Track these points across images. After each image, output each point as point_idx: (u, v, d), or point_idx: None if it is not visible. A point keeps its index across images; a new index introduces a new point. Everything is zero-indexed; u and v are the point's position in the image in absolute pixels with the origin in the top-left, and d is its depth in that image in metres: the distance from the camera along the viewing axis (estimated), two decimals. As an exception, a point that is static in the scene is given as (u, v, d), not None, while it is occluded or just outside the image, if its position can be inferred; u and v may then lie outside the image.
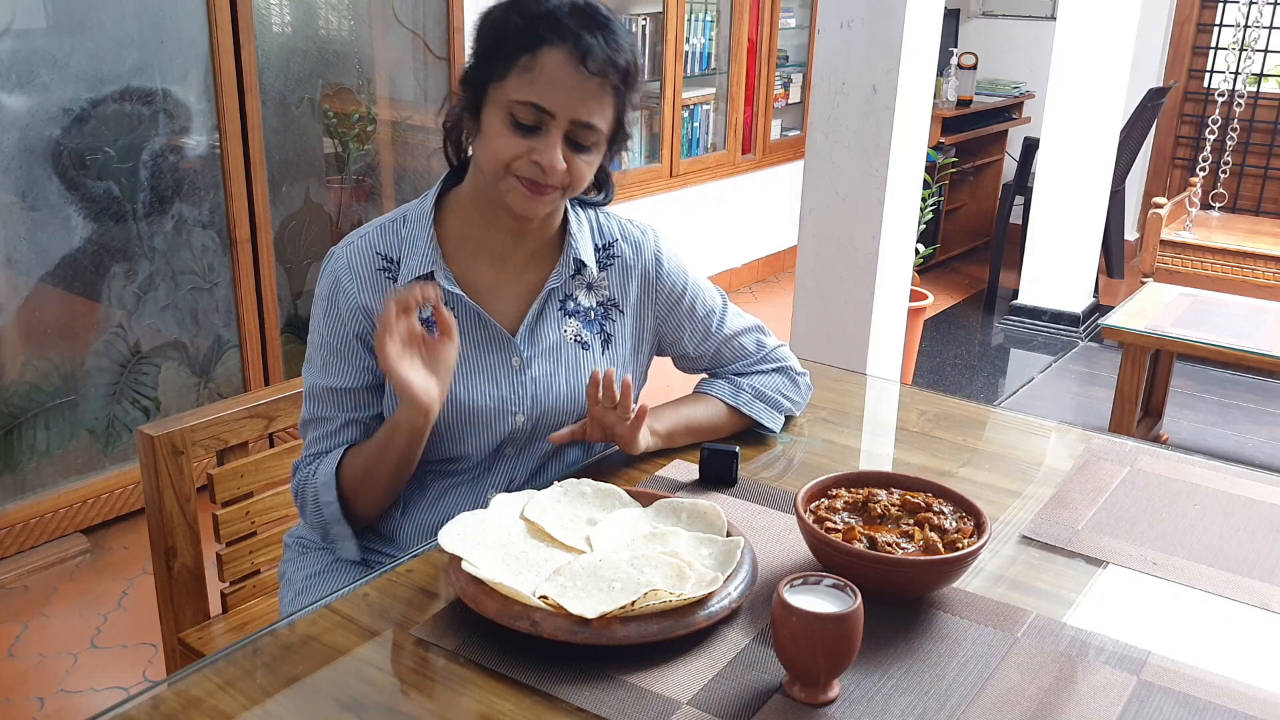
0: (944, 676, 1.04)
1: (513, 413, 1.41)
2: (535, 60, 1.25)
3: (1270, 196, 5.67)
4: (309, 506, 1.40)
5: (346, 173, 3.34)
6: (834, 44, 2.83)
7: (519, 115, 1.27)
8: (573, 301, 1.45)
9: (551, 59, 1.25)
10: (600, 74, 1.27)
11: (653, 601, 1.05)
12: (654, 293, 1.50)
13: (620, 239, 1.48)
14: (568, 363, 1.43)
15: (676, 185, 4.72)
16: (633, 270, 1.48)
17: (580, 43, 1.25)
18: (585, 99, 1.27)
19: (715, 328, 1.55)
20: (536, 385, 1.41)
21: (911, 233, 3.05)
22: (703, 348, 1.55)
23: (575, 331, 1.45)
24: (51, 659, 2.39)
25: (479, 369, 1.39)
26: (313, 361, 1.41)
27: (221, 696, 1.01)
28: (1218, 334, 3.01)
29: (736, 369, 1.58)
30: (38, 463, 2.74)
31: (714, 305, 1.55)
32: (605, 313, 1.47)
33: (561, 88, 1.26)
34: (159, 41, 2.76)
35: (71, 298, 2.74)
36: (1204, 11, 5.65)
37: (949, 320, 4.96)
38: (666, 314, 1.52)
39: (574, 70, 1.26)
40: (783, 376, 1.59)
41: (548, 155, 1.27)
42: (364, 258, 1.38)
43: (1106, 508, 1.40)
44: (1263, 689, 1.05)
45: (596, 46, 1.26)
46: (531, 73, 1.26)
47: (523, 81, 1.26)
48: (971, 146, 5.51)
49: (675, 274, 1.51)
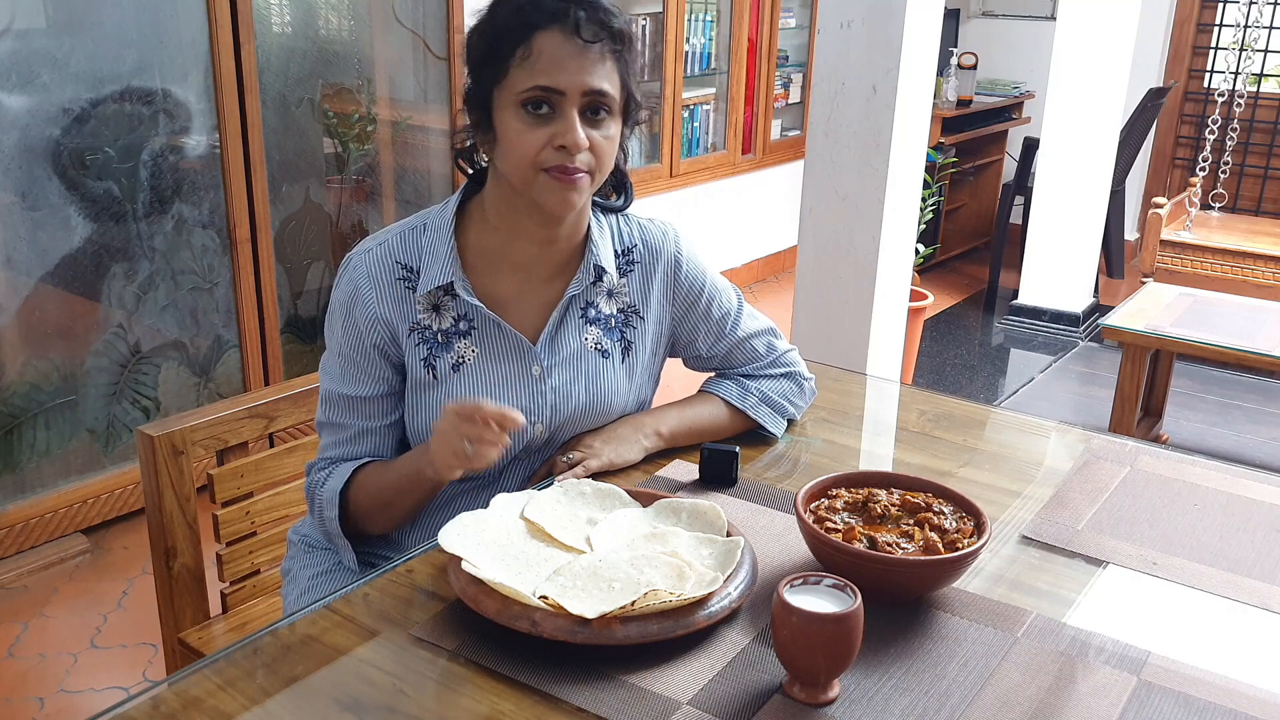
0: (944, 676, 1.04)
1: (532, 422, 1.40)
2: (531, 48, 1.26)
3: (1270, 196, 5.67)
4: (315, 512, 1.41)
5: (346, 173, 3.34)
6: (834, 44, 2.83)
7: (531, 105, 1.27)
8: (594, 309, 1.44)
9: (546, 41, 1.26)
10: (596, 39, 1.27)
11: (653, 601, 1.05)
12: (672, 294, 1.50)
13: (640, 243, 1.47)
14: (588, 372, 1.43)
15: (676, 185, 4.72)
16: (653, 274, 1.48)
17: (569, 17, 1.26)
18: (589, 67, 1.27)
19: (729, 329, 1.54)
20: (556, 395, 1.41)
21: (911, 233, 3.05)
22: (716, 349, 1.55)
23: (596, 340, 1.44)
24: (51, 659, 2.39)
25: (499, 380, 1.38)
26: (329, 368, 1.40)
27: (221, 696, 1.01)
28: (1218, 334, 3.01)
29: (746, 371, 1.58)
30: (38, 463, 2.74)
31: (730, 307, 1.55)
32: (626, 320, 1.46)
33: (563, 64, 1.26)
34: (159, 41, 2.76)
35: (71, 298, 2.74)
36: (1204, 11, 5.65)
37: (949, 320, 4.96)
38: (683, 315, 1.51)
39: (570, 44, 1.26)
40: (790, 382, 1.59)
41: (570, 134, 1.27)
42: (384, 267, 1.36)
43: (1106, 508, 1.39)
44: (1263, 689, 1.05)
45: (585, 16, 1.27)
46: (531, 60, 1.26)
47: (525, 71, 1.26)
48: (971, 146, 5.51)
49: (695, 275, 1.51)
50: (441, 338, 1.37)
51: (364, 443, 1.40)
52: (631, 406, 1.50)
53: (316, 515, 1.40)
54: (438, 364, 1.37)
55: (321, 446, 1.42)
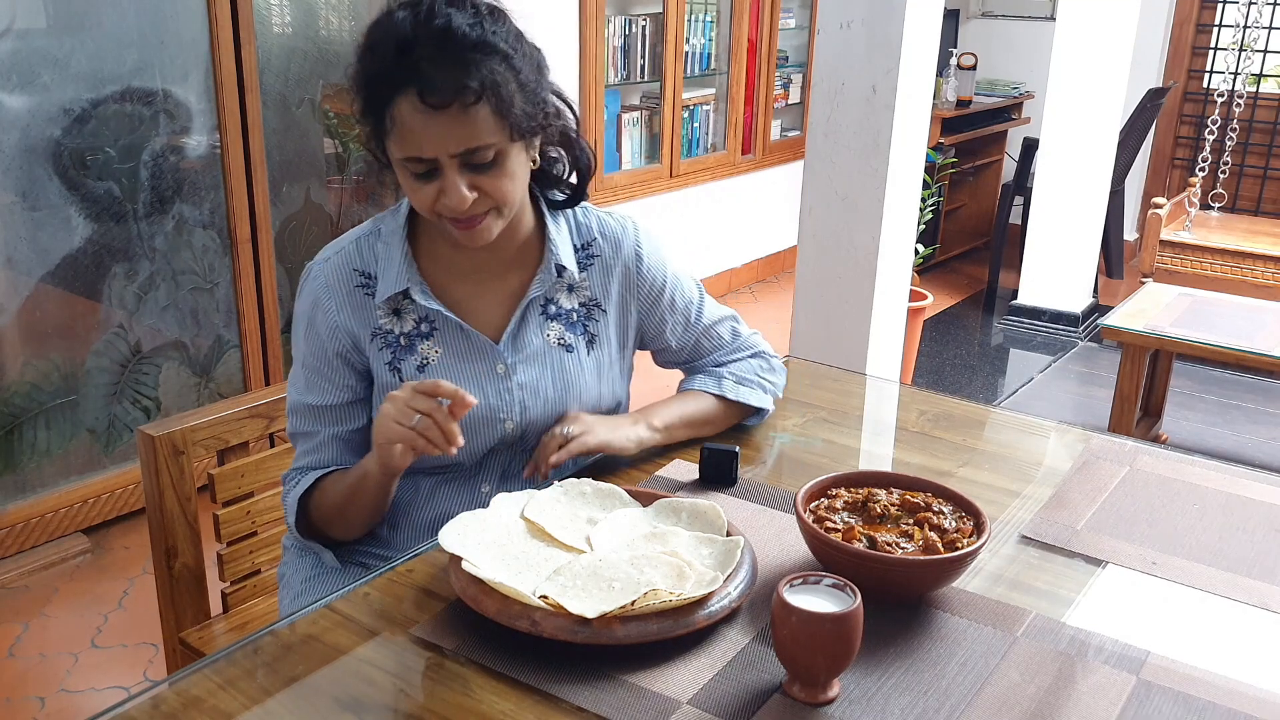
0: (944, 676, 1.04)
1: (501, 420, 1.40)
2: (393, 115, 1.21)
3: (1269, 196, 5.67)
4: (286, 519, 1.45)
5: (347, 173, 3.34)
6: (834, 44, 2.83)
7: (412, 169, 1.25)
8: (554, 305, 1.44)
9: (404, 109, 1.20)
10: (448, 104, 1.19)
11: (653, 601, 1.06)
12: (635, 289, 1.49)
13: (600, 236, 1.47)
14: (553, 367, 1.43)
15: (676, 185, 4.72)
16: (613, 267, 1.47)
17: (419, 81, 1.19)
18: (451, 131, 1.21)
19: (695, 318, 1.55)
20: (524, 391, 1.41)
21: (911, 233, 3.05)
22: (684, 339, 1.55)
23: (559, 335, 1.44)
24: (52, 659, 2.39)
25: (465, 379, 1.38)
26: (295, 379, 1.42)
27: (222, 696, 1.02)
28: (1217, 334, 3.01)
29: (714, 359, 1.58)
30: (38, 462, 2.74)
31: (692, 296, 1.55)
32: (588, 313, 1.46)
33: (424, 132, 1.21)
34: (159, 42, 2.76)
35: (72, 298, 2.74)
36: (1203, 12, 5.65)
37: (949, 320, 4.96)
38: (649, 309, 1.51)
39: (424, 113, 1.20)
40: (759, 360, 1.59)
41: (452, 196, 1.24)
42: (342, 276, 1.37)
43: (1106, 507, 1.40)
44: (1263, 689, 1.05)
45: (436, 78, 1.19)
46: (397, 128, 1.22)
47: (394, 140, 1.23)
48: (971, 147, 5.51)
49: (656, 268, 1.50)
50: (404, 341, 1.38)
51: (331, 450, 1.40)
52: (605, 401, 1.49)
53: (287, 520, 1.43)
54: (403, 367, 1.38)
55: (296, 455, 1.44)
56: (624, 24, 4.36)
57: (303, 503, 1.39)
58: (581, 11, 4.06)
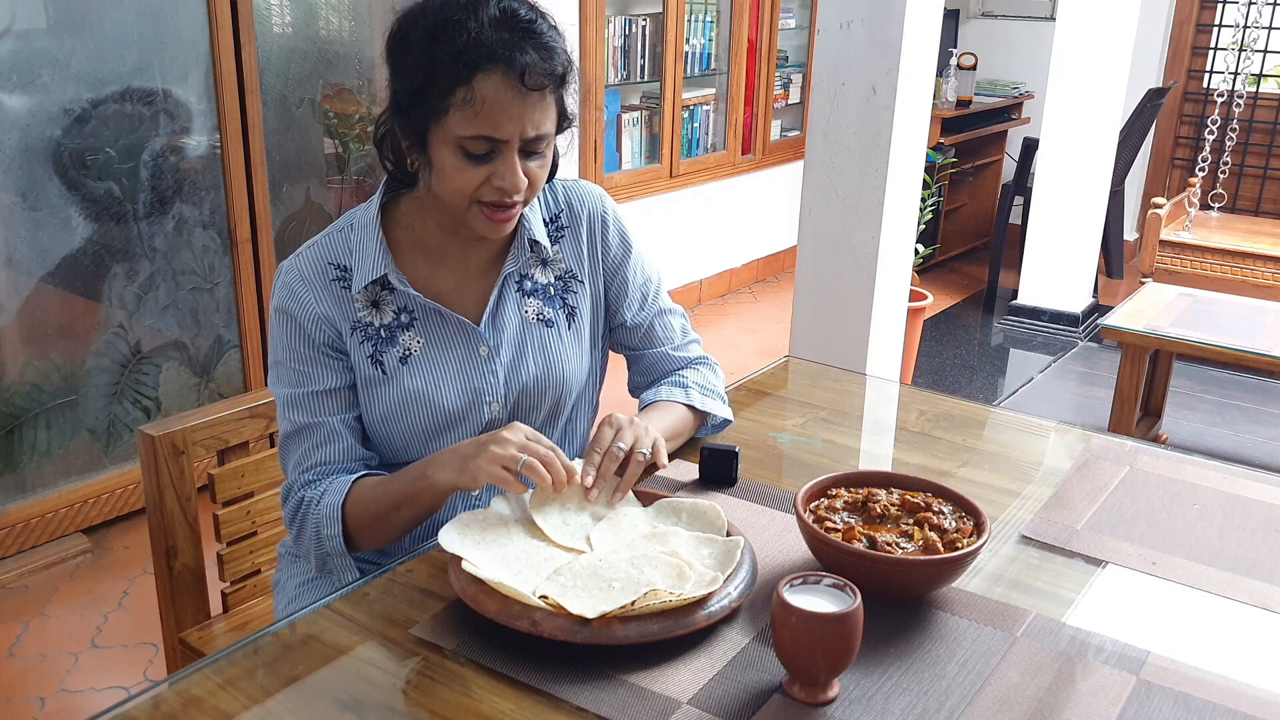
0: (944, 676, 1.04)
1: (487, 403, 1.39)
2: (472, 91, 1.21)
3: (1269, 196, 5.67)
4: (308, 535, 1.33)
5: (347, 173, 3.34)
6: (834, 44, 2.84)
7: (471, 149, 1.24)
8: (529, 281, 1.44)
9: (489, 86, 1.21)
10: (540, 88, 1.23)
11: (653, 601, 1.06)
12: (600, 252, 1.49)
13: (566, 206, 1.48)
14: (534, 343, 1.42)
15: (676, 186, 4.72)
16: (580, 232, 1.47)
17: (514, 62, 1.21)
18: (531, 116, 1.24)
19: (652, 298, 1.55)
20: (508, 371, 1.40)
21: (911, 233, 3.05)
22: (639, 317, 1.53)
23: (537, 310, 1.43)
24: (52, 659, 2.39)
25: (448, 367, 1.38)
26: (282, 377, 1.37)
27: (222, 696, 1.02)
28: (1217, 334, 3.01)
29: (664, 353, 1.55)
30: (38, 463, 2.74)
31: (651, 275, 1.55)
32: (565, 285, 1.46)
33: (506, 113, 1.22)
34: (160, 42, 2.77)
35: (72, 298, 2.75)
36: (1203, 12, 5.65)
37: (949, 320, 4.96)
38: (612, 274, 1.50)
39: (514, 92, 1.22)
40: (706, 369, 1.58)
41: (510, 178, 1.25)
42: (316, 269, 1.36)
43: (1106, 507, 1.40)
44: (1263, 689, 1.05)
45: (531, 60, 1.21)
46: (473, 105, 1.21)
47: (465, 115, 1.22)
48: (971, 147, 5.51)
49: (621, 232, 1.51)
50: (385, 333, 1.37)
51: (344, 439, 1.36)
52: (587, 376, 1.49)
53: (311, 539, 1.33)
54: (385, 359, 1.36)
55: (293, 463, 1.36)
56: (624, 24, 4.36)
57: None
58: (581, 11, 4.06)
